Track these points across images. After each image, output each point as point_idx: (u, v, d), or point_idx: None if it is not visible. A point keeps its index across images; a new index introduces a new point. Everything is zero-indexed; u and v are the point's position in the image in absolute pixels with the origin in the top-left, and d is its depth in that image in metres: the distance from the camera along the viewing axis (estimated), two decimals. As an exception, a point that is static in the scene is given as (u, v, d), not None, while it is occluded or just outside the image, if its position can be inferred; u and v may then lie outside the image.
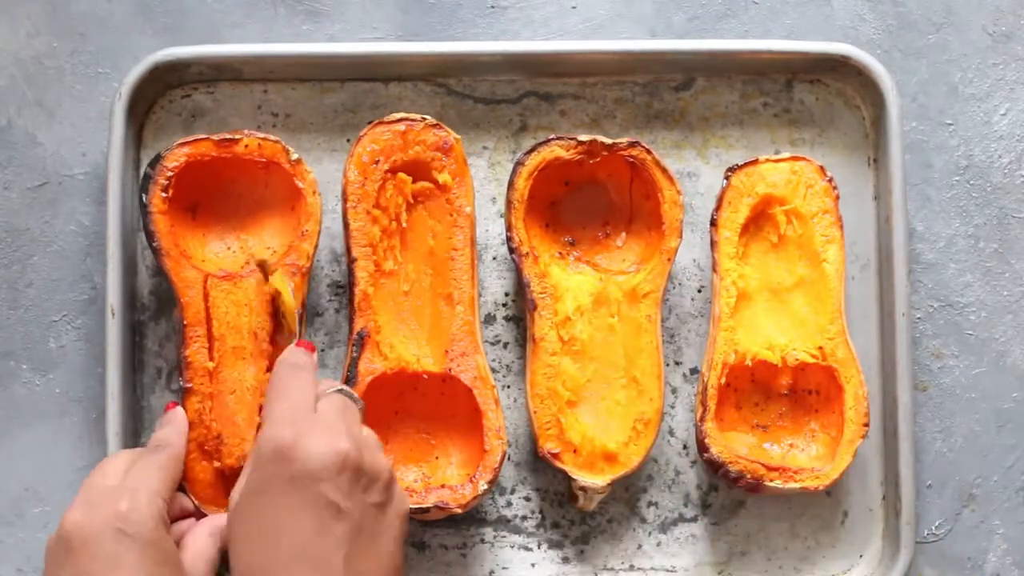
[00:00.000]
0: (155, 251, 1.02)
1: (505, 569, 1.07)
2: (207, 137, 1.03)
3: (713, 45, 1.09)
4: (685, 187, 1.09)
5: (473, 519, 1.07)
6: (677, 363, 1.09)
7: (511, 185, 1.04)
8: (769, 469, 1.02)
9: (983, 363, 1.10)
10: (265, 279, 1.01)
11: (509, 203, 1.04)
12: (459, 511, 1.00)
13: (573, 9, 1.12)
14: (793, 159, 1.05)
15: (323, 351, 1.08)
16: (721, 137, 1.10)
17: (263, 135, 1.03)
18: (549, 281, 1.04)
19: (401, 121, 1.03)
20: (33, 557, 1.07)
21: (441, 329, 1.04)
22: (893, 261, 1.06)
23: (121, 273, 1.04)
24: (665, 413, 1.07)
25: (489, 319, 1.08)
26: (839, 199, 1.05)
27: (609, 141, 1.04)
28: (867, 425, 1.03)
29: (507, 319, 1.09)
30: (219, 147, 1.03)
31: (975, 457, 1.09)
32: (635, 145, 1.04)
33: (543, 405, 1.03)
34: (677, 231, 1.04)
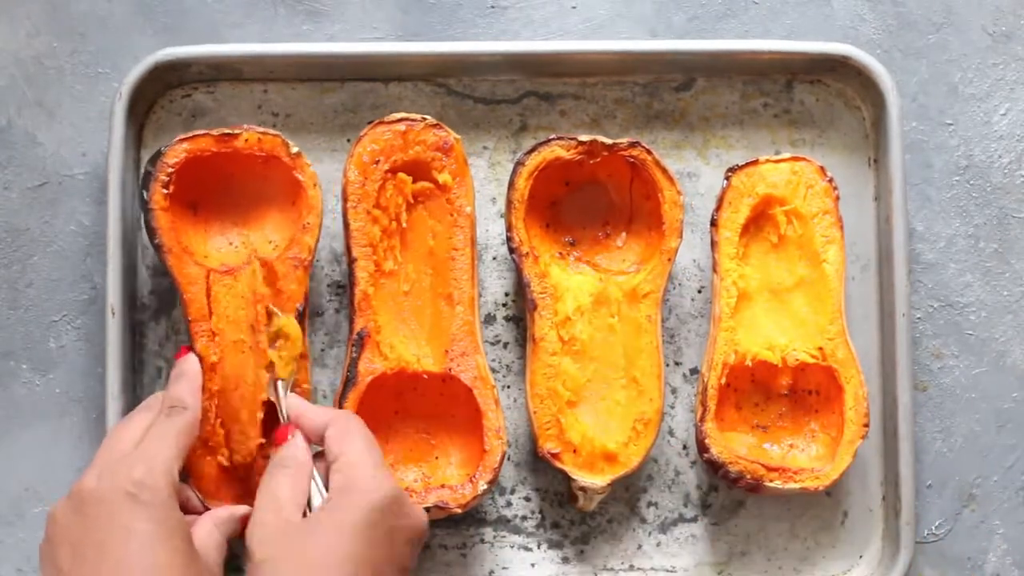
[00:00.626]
0: (157, 248, 1.02)
1: (505, 569, 1.07)
2: (207, 133, 1.03)
3: (713, 45, 1.09)
4: (685, 187, 1.09)
5: (473, 519, 1.07)
6: (677, 363, 1.09)
7: (511, 185, 1.04)
8: (769, 469, 1.02)
9: (983, 363, 1.10)
10: (268, 320, 1.01)
11: (509, 203, 1.04)
12: (459, 511, 1.00)
13: (573, 9, 1.12)
14: (793, 159, 1.05)
15: (323, 351, 1.08)
16: (721, 137, 1.10)
17: (263, 129, 1.03)
18: (549, 281, 1.04)
19: (401, 121, 1.03)
20: (33, 557, 1.07)
21: (441, 329, 1.04)
22: (893, 261, 1.06)
23: (121, 273, 1.04)
24: (665, 413, 1.07)
25: (489, 319, 1.09)
26: (839, 199, 1.05)
27: (609, 141, 1.04)
28: (867, 425, 1.03)
29: (507, 319, 1.09)
30: (219, 142, 1.03)
31: (975, 457, 1.09)
32: (635, 145, 1.04)
33: (543, 405, 1.03)
34: (677, 231, 1.04)
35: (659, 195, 1.05)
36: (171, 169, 1.02)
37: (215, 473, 1.01)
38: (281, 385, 1.00)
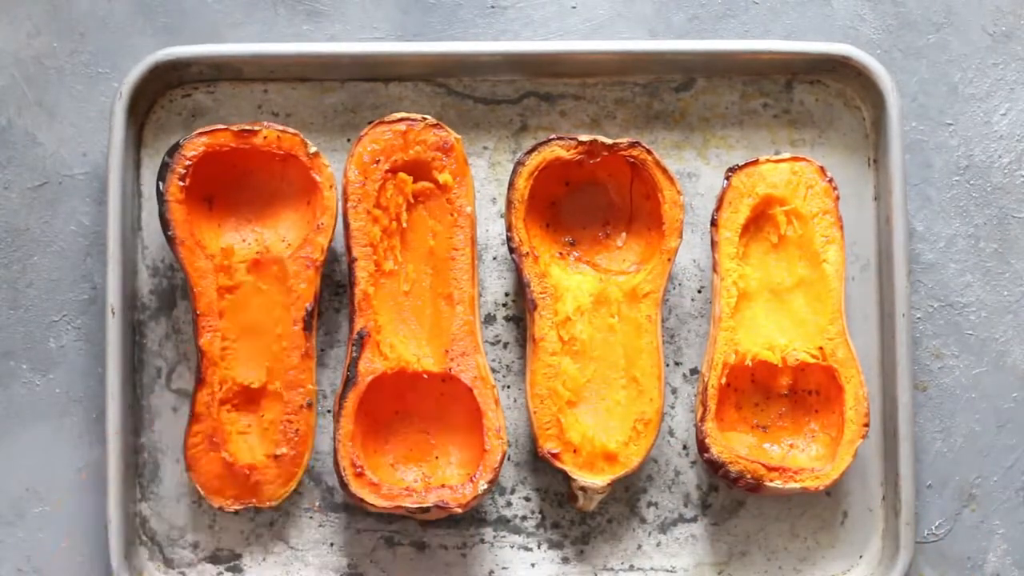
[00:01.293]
0: (170, 240, 1.01)
1: (505, 569, 1.07)
2: (226, 128, 1.03)
3: (713, 45, 1.09)
4: (685, 187, 1.09)
5: (473, 519, 1.07)
6: (677, 363, 1.09)
7: (511, 185, 1.04)
8: (769, 469, 1.02)
9: (983, 363, 1.10)
10: None
11: (509, 203, 1.04)
12: (459, 511, 1.00)
13: (573, 9, 1.12)
14: (793, 160, 1.06)
15: (323, 351, 1.08)
16: (721, 137, 1.10)
17: (281, 127, 1.03)
18: (549, 281, 1.04)
19: (402, 121, 1.03)
20: (33, 557, 1.07)
21: (441, 329, 1.04)
22: (893, 261, 1.06)
23: (121, 273, 1.05)
24: (665, 413, 1.07)
25: (489, 319, 1.09)
26: (839, 199, 1.05)
27: (609, 141, 1.04)
28: (867, 425, 1.03)
29: (507, 319, 1.09)
30: (238, 138, 1.03)
31: (975, 457, 1.09)
32: (635, 145, 1.04)
33: (543, 405, 1.03)
34: (677, 231, 1.04)
35: (659, 195, 1.05)
36: (188, 162, 1.02)
37: (218, 470, 1.01)
38: None
